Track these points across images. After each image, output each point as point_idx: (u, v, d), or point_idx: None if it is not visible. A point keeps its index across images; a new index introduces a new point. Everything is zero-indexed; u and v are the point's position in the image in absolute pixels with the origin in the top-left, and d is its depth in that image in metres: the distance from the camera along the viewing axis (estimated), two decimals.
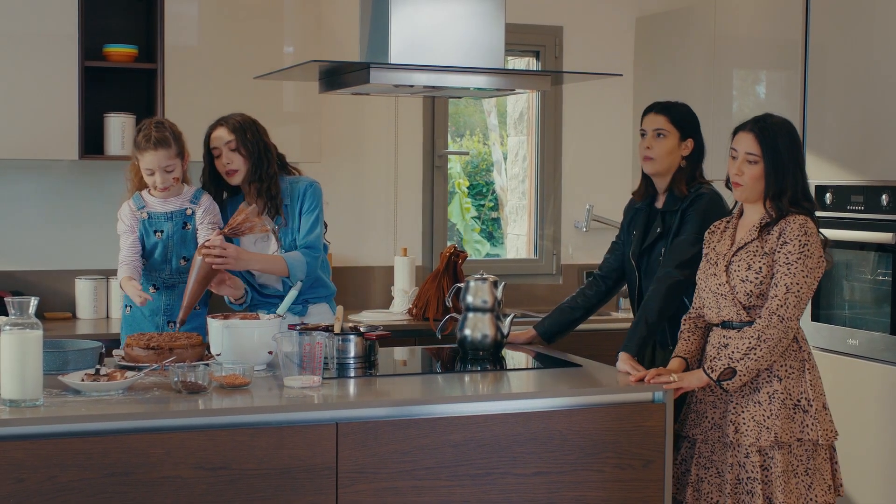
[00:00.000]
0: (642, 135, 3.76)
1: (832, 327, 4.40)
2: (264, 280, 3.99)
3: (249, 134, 3.91)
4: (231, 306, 3.97)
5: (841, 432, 4.24)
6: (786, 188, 3.27)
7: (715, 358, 3.27)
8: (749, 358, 3.20)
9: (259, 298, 4.00)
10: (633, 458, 3.20)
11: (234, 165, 3.91)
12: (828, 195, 4.40)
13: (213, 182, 4.00)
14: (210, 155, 3.96)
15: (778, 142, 3.29)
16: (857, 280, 4.35)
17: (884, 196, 4.16)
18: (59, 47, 4.48)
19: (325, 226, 4.05)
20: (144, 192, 3.92)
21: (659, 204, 3.79)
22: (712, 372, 3.23)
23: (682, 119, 3.76)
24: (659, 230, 3.73)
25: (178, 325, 3.65)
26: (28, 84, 4.47)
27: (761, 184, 3.29)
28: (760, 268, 3.26)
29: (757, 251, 3.28)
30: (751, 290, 3.27)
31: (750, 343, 3.21)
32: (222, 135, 3.92)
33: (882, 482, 4.16)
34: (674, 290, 3.57)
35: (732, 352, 3.22)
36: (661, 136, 3.72)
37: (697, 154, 3.76)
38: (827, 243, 3.31)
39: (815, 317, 4.46)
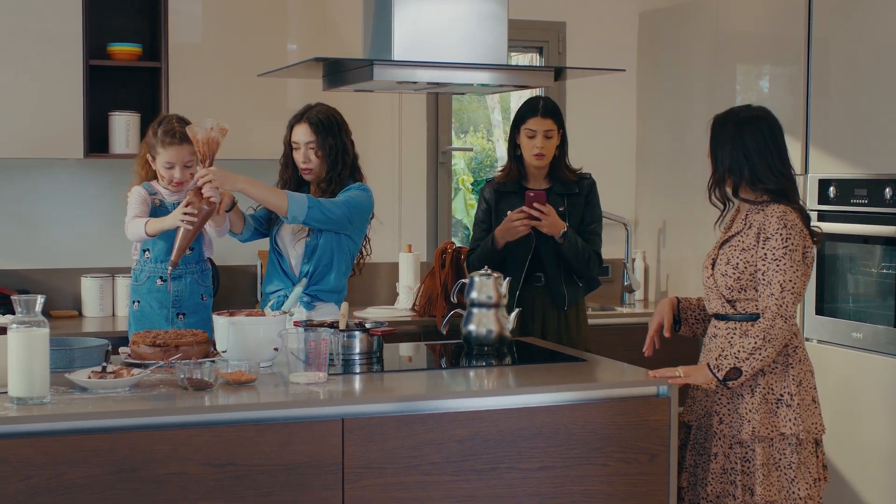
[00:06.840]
0: None
1: (837, 321, 4.40)
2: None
3: (331, 137, 3.93)
4: (233, 236, 4.00)
5: (846, 425, 4.26)
6: (721, 171, 3.31)
7: (721, 356, 3.26)
8: (754, 358, 3.21)
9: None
10: (638, 453, 3.20)
11: (311, 165, 3.95)
12: (831, 189, 4.40)
13: (291, 169, 4.00)
14: (290, 145, 3.99)
15: (718, 127, 3.33)
16: (862, 273, 4.35)
17: (887, 189, 4.16)
18: (64, 46, 4.49)
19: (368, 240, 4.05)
20: (154, 182, 3.94)
21: None
22: (718, 371, 3.24)
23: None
24: None
25: (170, 268, 3.67)
26: (32, 83, 4.48)
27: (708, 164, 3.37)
28: (737, 263, 3.28)
29: (737, 246, 3.30)
30: (731, 285, 3.29)
31: (755, 343, 3.21)
32: (304, 133, 3.94)
33: (886, 475, 4.16)
34: None
35: (738, 351, 3.22)
36: None
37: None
38: (809, 219, 3.33)
39: (820, 310, 4.46)
